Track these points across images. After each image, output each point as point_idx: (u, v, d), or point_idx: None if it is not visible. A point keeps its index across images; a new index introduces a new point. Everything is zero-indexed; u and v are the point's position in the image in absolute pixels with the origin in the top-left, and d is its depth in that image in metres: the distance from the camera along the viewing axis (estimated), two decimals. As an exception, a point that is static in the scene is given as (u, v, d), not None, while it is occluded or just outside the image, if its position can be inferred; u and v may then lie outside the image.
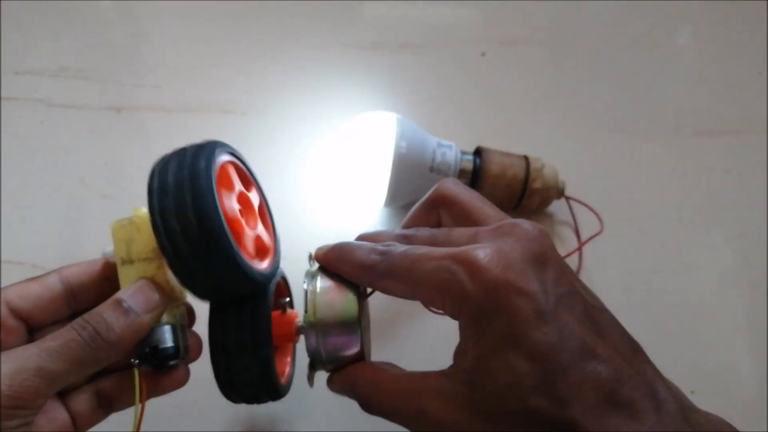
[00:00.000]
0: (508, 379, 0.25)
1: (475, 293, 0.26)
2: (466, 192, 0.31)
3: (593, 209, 0.49)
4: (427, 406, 0.27)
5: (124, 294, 0.29)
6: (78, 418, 0.30)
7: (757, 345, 0.46)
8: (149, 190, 0.27)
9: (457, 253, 0.27)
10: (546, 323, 0.25)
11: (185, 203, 0.26)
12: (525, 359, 0.25)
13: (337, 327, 0.30)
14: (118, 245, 0.30)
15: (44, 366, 0.26)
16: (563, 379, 0.24)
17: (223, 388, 0.32)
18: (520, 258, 0.26)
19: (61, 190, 0.51)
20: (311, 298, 0.30)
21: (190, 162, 0.27)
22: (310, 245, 0.33)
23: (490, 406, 0.25)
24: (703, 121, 0.57)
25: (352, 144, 0.47)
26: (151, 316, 0.29)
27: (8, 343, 0.29)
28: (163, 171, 0.28)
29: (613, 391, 0.24)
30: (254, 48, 0.59)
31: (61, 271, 0.31)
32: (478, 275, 0.26)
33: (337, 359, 0.31)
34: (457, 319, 0.27)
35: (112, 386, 0.31)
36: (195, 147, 0.29)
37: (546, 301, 0.25)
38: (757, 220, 0.52)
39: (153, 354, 0.29)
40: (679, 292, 0.48)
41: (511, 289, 0.25)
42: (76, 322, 0.28)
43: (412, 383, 0.28)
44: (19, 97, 0.55)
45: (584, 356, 0.25)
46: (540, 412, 0.24)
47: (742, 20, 0.64)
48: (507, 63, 0.60)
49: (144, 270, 0.30)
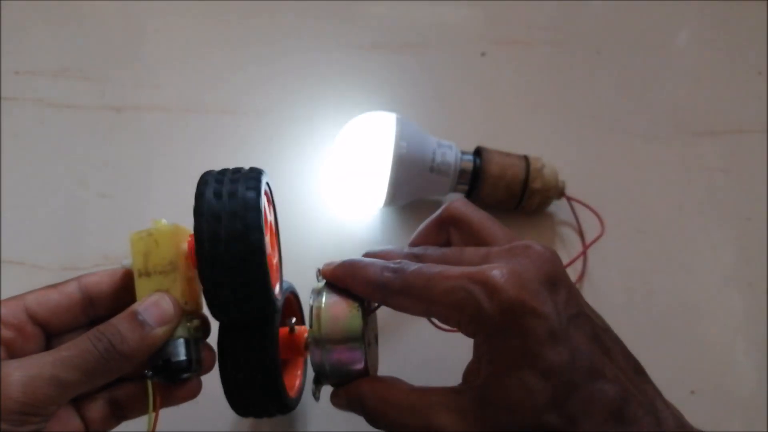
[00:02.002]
0: (521, 395, 0.26)
1: (491, 313, 0.26)
2: (476, 212, 0.32)
3: (594, 210, 0.49)
4: (436, 421, 0.27)
5: (140, 306, 0.29)
6: (91, 425, 0.31)
7: (757, 345, 0.46)
8: (198, 213, 0.28)
9: (474, 272, 0.27)
10: (559, 343, 0.26)
11: (236, 234, 0.28)
12: (539, 377, 0.26)
13: (341, 342, 0.30)
14: (136, 257, 0.30)
15: (58, 375, 0.27)
16: (574, 397, 0.25)
17: (232, 402, 0.32)
18: (534, 278, 0.27)
19: (61, 190, 0.51)
20: (316, 314, 0.31)
21: (242, 193, 0.28)
22: (310, 246, 0.33)
23: (501, 423, 0.26)
24: (703, 121, 0.57)
25: (352, 144, 0.47)
26: (165, 330, 0.29)
27: (26, 348, 0.30)
28: (215, 194, 0.28)
29: (619, 409, 0.26)
30: (254, 48, 0.59)
31: (81, 279, 0.32)
32: (494, 295, 0.26)
33: (341, 374, 0.31)
34: (472, 337, 0.28)
35: (125, 395, 0.31)
36: (244, 176, 0.29)
37: (558, 322, 0.26)
38: (757, 220, 0.52)
39: (166, 366, 0.30)
40: (679, 292, 0.48)
41: (526, 310, 0.26)
42: (92, 333, 0.28)
43: (421, 398, 0.28)
44: (19, 97, 0.55)
45: (593, 375, 0.26)
46: (551, 429, 0.25)
47: (741, 20, 0.64)
48: (507, 63, 0.60)
49: (160, 283, 0.30)
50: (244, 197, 0.28)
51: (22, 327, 0.30)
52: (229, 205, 0.28)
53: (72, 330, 0.32)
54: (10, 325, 0.29)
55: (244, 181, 0.29)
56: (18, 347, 0.29)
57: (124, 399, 0.31)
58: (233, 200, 0.28)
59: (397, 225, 0.50)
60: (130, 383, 0.31)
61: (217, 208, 0.28)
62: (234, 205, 0.28)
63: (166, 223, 0.31)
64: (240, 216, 0.28)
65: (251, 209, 0.28)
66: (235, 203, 0.28)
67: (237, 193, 0.28)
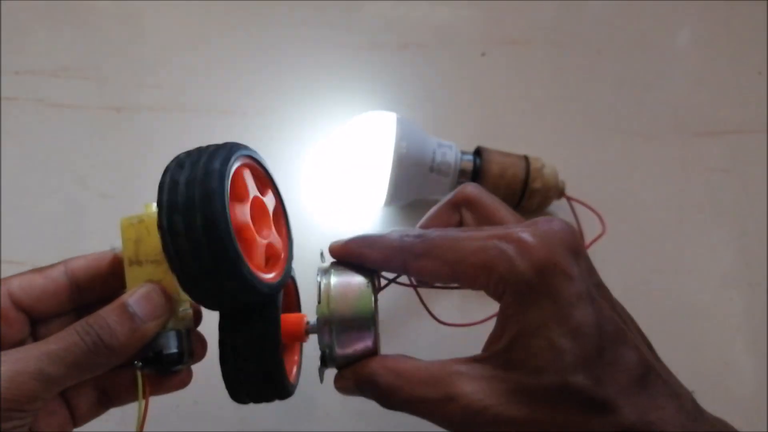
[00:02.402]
0: (549, 355, 0.26)
1: (524, 270, 0.26)
2: (490, 196, 0.32)
3: (594, 209, 0.49)
4: (459, 389, 0.27)
5: (130, 298, 0.28)
6: (77, 412, 0.30)
7: (757, 345, 0.46)
8: (160, 186, 0.26)
9: (504, 233, 0.27)
10: (587, 305, 0.26)
11: (193, 205, 0.25)
12: (568, 337, 0.25)
13: (351, 320, 0.29)
14: (126, 244, 0.29)
15: (44, 369, 0.26)
16: (601, 359, 0.25)
17: (231, 388, 0.31)
18: (561, 244, 0.27)
19: (61, 190, 0.51)
20: (325, 290, 0.30)
21: (204, 162, 0.26)
22: (310, 246, 0.33)
23: (528, 384, 0.26)
24: (703, 121, 0.57)
25: (352, 144, 0.47)
26: (156, 324, 0.28)
27: (9, 335, 0.29)
28: (177, 169, 0.27)
29: (642, 376, 0.26)
30: (254, 48, 0.59)
31: (68, 263, 0.31)
32: (527, 254, 0.26)
33: (349, 354, 0.30)
34: (501, 296, 0.27)
35: (113, 384, 0.31)
36: (213, 147, 0.28)
37: (585, 286, 0.27)
38: (757, 220, 0.52)
39: (156, 359, 0.29)
40: (679, 292, 0.48)
41: (557, 270, 0.26)
42: (80, 325, 0.27)
43: (442, 368, 0.28)
44: (19, 97, 0.55)
45: (618, 340, 0.26)
46: (578, 389, 0.25)
47: (742, 20, 0.64)
48: (507, 63, 0.60)
49: (152, 272, 0.29)
50: (206, 168, 0.26)
51: (6, 313, 0.29)
52: (189, 176, 0.26)
53: (57, 316, 0.31)
54: None
55: (210, 153, 0.27)
56: (2, 334, 0.29)
57: (113, 387, 0.31)
58: (194, 171, 0.26)
59: (397, 225, 0.50)
60: (119, 371, 0.31)
61: (176, 180, 0.26)
62: (193, 176, 0.26)
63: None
64: (199, 187, 0.25)
65: (212, 179, 0.25)
66: (195, 174, 0.26)
67: (198, 164, 0.26)
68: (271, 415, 0.42)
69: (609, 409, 0.25)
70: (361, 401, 0.30)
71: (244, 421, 0.42)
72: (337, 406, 0.42)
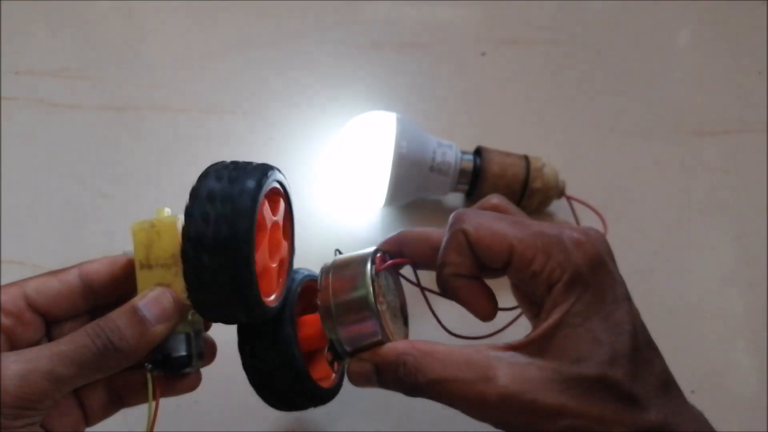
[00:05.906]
0: (590, 347, 0.27)
1: (578, 261, 0.28)
2: (513, 206, 0.33)
3: (594, 209, 0.49)
4: (496, 372, 0.27)
5: (141, 301, 0.28)
6: (90, 412, 0.31)
7: (757, 345, 0.46)
8: (187, 212, 0.27)
9: (558, 228, 0.29)
10: (628, 307, 0.28)
11: (221, 246, 0.26)
12: (609, 332, 0.27)
13: (349, 300, 0.29)
14: (138, 248, 0.30)
15: (55, 369, 0.26)
16: (635, 358, 0.27)
17: (267, 400, 0.33)
18: (604, 248, 0.29)
19: (61, 190, 0.51)
20: (324, 277, 0.30)
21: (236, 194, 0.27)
22: (310, 245, 0.33)
23: (566, 373, 0.26)
24: (703, 121, 0.57)
25: (352, 144, 0.47)
26: (165, 327, 0.29)
27: (25, 336, 0.29)
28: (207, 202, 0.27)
29: (665, 382, 0.28)
30: (254, 48, 0.59)
31: (82, 266, 0.31)
32: (582, 247, 0.28)
33: (354, 335, 0.29)
34: (554, 283, 0.28)
35: (125, 384, 0.31)
36: (243, 176, 0.28)
37: (625, 290, 0.29)
38: (757, 220, 0.52)
39: (166, 361, 0.29)
40: (679, 292, 0.48)
41: (606, 268, 0.28)
42: (90, 327, 0.28)
43: (478, 352, 0.28)
44: (19, 97, 0.55)
45: (649, 345, 0.28)
46: (614, 382, 0.26)
47: (742, 20, 0.64)
48: (507, 63, 0.60)
49: (162, 276, 0.29)
50: (238, 202, 0.27)
51: (21, 315, 0.29)
52: (221, 208, 0.27)
53: (72, 318, 0.31)
54: (9, 312, 0.29)
55: (242, 179, 0.27)
56: (17, 335, 0.29)
57: (124, 388, 0.31)
58: (225, 204, 0.27)
59: (397, 225, 0.50)
60: (130, 373, 0.31)
61: (208, 208, 0.27)
62: (225, 209, 0.27)
63: (169, 213, 0.30)
64: (230, 221, 0.26)
65: (242, 216, 0.26)
66: (227, 208, 0.27)
67: (231, 196, 0.27)
68: (271, 415, 0.42)
69: (640, 406, 0.26)
70: (362, 401, 0.30)
71: (244, 421, 0.42)
72: (337, 406, 0.42)
